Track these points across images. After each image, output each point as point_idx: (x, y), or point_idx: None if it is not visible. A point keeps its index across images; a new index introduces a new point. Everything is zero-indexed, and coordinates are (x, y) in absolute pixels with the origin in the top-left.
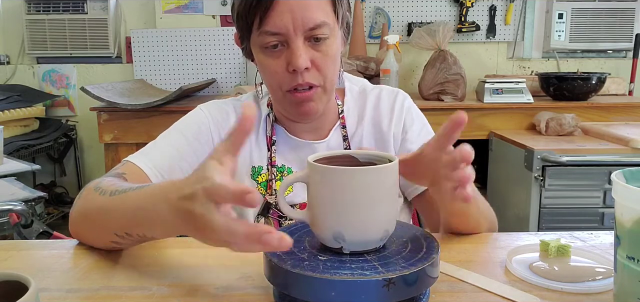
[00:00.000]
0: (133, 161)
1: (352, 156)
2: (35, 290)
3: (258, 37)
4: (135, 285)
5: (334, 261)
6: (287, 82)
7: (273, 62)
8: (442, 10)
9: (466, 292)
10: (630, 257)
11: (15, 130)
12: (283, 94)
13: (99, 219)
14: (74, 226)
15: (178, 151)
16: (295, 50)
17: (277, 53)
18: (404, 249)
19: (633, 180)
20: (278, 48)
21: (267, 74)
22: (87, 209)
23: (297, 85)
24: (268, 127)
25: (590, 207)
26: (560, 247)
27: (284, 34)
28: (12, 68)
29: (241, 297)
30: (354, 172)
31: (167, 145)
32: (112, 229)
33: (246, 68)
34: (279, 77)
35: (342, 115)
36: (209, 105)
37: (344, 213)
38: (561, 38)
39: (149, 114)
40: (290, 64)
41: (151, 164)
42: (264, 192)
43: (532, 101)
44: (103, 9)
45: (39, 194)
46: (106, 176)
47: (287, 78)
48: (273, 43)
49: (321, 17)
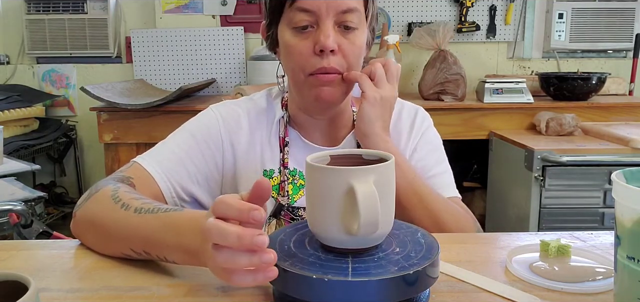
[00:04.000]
0: (141, 163)
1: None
2: (35, 290)
3: (289, 13)
4: (135, 285)
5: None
6: (312, 63)
7: (300, 42)
8: (442, 10)
9: (466, 292)
10: (631, 257)
11: (15, 130)
12: (305, 78)
13: (116, 231)
14: (79, 227)
15: (186, 153)
16: (325, 30)
17: (305, 34)
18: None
19: (633, 180)
20: (307, 30)
21: (292, 55)
22: (101, 218)
23: (322, 69)
24: (281, 128)
25: (590, 207)
26: (561, 247)
27: (316, 12)
28: (12, 68)
29: (241, 297)
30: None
31: (176, 146)
32: (130, 245)
33: (246, 68)
34: (304, 58)
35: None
36: (220, 106)
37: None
38: (561, 38)
39: (148, 114)
40: (319, 44)
41: (159, 168)
42: (276, 195)
43: (532, 101)
44: (103, 9)
45: (38, 194)
46: (114, 177)
47: (312, 60)
48: (303, 23)
49: (353, 3)
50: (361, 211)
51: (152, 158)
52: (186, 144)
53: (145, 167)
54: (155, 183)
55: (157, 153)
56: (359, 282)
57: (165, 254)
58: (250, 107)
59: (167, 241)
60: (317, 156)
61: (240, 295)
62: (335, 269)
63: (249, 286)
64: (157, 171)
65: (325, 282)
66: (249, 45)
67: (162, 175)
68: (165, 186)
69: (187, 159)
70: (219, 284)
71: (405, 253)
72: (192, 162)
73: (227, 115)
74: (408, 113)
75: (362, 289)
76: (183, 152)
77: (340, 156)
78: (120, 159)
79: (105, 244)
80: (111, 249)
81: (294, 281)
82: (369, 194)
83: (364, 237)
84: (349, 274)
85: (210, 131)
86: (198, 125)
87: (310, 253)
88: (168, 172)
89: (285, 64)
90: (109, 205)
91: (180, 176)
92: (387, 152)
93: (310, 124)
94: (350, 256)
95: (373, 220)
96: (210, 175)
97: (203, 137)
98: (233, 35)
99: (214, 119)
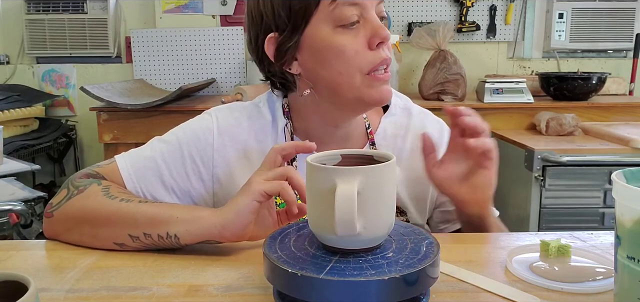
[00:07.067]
0: (118, 163)
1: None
2: (35, 290)
3: (332, 11)
4: (135, 285)
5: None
6: (370, 60)
7: (353, 40)
8: (442, 10)
9: (466, 292)
10: (631, 257)
11: (15, 130)
12: (362, 78)
13: (114, 219)
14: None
15: (166, 164)
16: (375, 19)
17: (354, 31)
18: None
19: (633, 180)
20: (354, 26)
21: (344, 55)
22: (93, 210)
23: (382, 61)
24: (287, 139)
25: (590, 207)
26: (561, 247)
27: (363, 4)
28: (11, 68)
29: (241, 297)
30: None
31: (159, 154)
32: (127, 231)
33: (246, 68)
34: (361, 57)
35: (370, 131)
36: (218, 110)
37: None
38: (561, 38)
39: (148, 114)
40: (376, 36)
41: (133, 172)
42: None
43: (533, 101)
44: (103, 9)
45: (38, 194)
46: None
47: (369, 56)
48: (354, 18)
49: None
50: (336, 210)
51: (130, 159)
52: (170, 155)
53: (119, 168)
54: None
55: (137, 155)
56: (359, 282)
57: (170, 228)
58: (255, 115)
59: (175, 213)
60: (328, 153)
61: (240, 295)
62: (336, 269)
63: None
64: (130, 174)
65: (325, 282)
66: None
67: (133, 180)
68: (134, 191)
69: (165, 171)
70: (219, 284)
71: (405, 253)
72: (171, 175)
73: (225, 118)
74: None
75: (362, 289)
76: (163, 163)
77: (352, 155)
78: None
79: (94, 236)
80: (102, 239)
81: (294, 280)
82: (345, 194)
83: (364, 237)
84: (349, 274)
85: (198, 143)
86: (188, 134)
87: (311, 253)
88: (140, 179)
89: (327, 69)
90: (103, 200)
91: (153, 186)
92: (391, 154)
93: (327, 135)
94: (350, 256)
95: (348, 220)
96: (192, 189)
97: (189, 151)
98: (233, 35)
99: (209, 129)
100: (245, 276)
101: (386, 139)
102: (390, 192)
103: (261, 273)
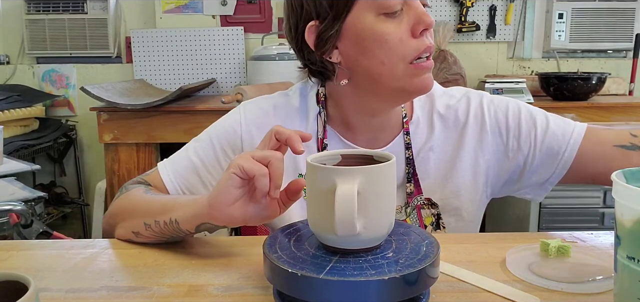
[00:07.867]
0: (160, 170)
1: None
2: (35, 290)
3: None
4: (135, 285)
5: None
6: (414, 48)
7: (397, 28)
8: (442, 10)
9: (466, 292)
10: (631, 257)
11: (15, 130)
12: (405, 67)
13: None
14: (108, 219)
15: (202, 161)
16: (419, 6)
17: (398, 19)
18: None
19: (633, 180)
20: (397, 13)
21: (389, 43)
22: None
23: (426, 49)
24: (319, 127)
25: (590, 207)
26: (560, 247)
27: None
28: (11, 68)
29: (241, 297)
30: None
31: (194, 153)
32: (144, 219)
33: (246, 68)
34: (405, 45)
35: (406, 120)
36: (247, 102)
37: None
38: (561, 38)
39: (149, 114)
40: (420, 23)
41: (173, 176)
42: None
43: (532, 101)
44: (103, 9)
45: (38, 194)
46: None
47: (413, 44)
48: (398, 6)
49: None
50: (336, 210)
51: (169, 163)
52: (203, 151)
53: (160, 173)
54: (167, 191)
55: (176, 160)
56: (359, 282)
57: (172, 214)
58: (281, 104)
59: (179, 200)
60: (328, 153)
61: (240, 295)
62: (336, 269)
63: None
64: (170, 176)
65: (325, 282)
66: (249, 45)
67: (173, 181)
68: (175, 192)
69: (200, 166)
70: (219, 284)
71: (405, 253)
72: (207, 169)
73: (252, 111)
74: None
75: (362, 289)
76: (198, 159)
77: (352, 155)
78: (120, 159)
79: (128, 223)
80: (130, 226)
81: (294, 280)
82: (345, 194)
83: (364, 237)
84: (349, 274)
85: (228, 136)
86: (218, 129)
87: (311, 253)
88: (179, 179)
89: (369, 58)
90: (140, 195)
91: (191, 184)
92: (390, 154)
93: (362, 124)
94: (350, 256)
95: (348, 220)
96: None
97: (220, 144)
98: (233, 35)
99: (237, 121)
100: (245, 276)
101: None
102: (390, 192)
103: (261, 273)
